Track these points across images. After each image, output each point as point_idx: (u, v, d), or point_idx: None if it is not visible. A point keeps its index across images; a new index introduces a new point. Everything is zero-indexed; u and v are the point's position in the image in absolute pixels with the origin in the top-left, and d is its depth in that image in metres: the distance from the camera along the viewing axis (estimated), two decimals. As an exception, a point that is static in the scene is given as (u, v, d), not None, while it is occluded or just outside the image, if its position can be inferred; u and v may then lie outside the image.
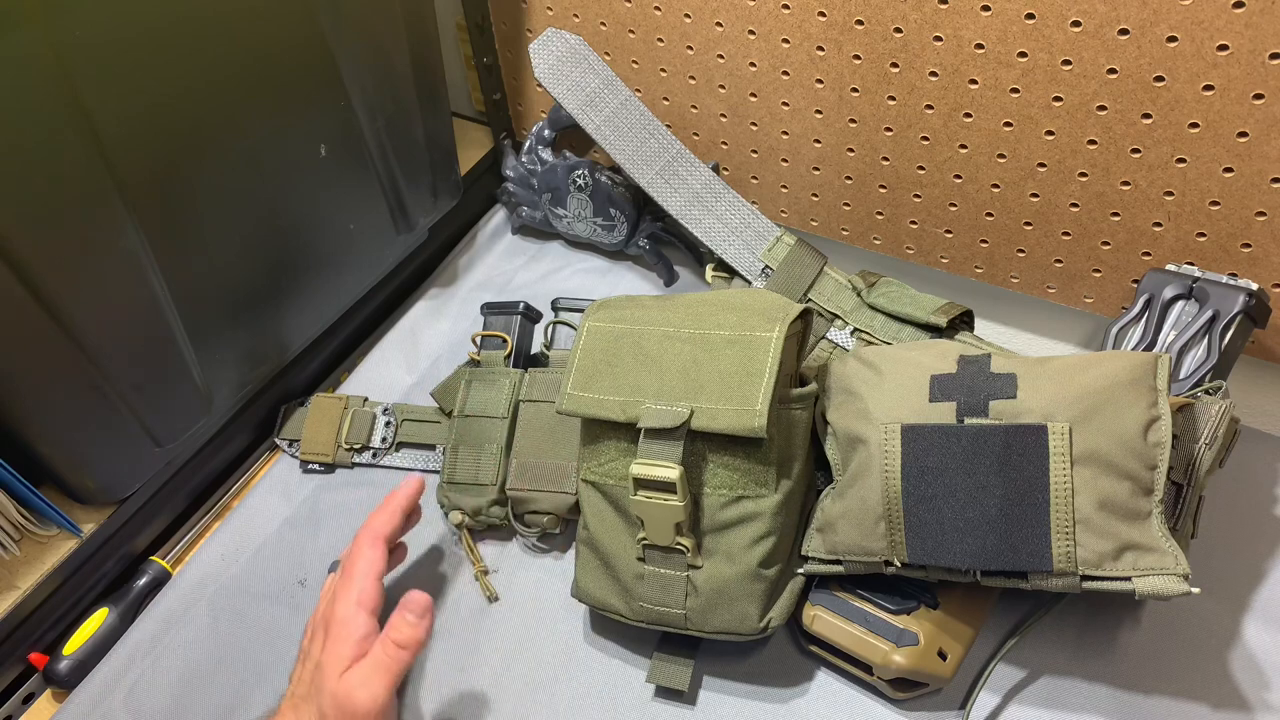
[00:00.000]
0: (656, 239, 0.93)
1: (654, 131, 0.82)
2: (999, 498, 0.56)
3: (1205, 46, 0.62)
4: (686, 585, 0.62)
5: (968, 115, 0.73)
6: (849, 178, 0.84)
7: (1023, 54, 0.68)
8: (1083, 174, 0.72)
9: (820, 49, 0.77)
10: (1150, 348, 0.72)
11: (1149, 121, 0.67)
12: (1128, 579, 0.55)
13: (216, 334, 0.74)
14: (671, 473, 0.59)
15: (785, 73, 0.80)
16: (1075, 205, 0.75)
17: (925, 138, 0.77)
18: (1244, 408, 0.77)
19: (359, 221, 0.83)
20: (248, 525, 0.78)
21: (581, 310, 0.81)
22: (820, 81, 0.79)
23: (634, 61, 0.89)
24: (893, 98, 0.76)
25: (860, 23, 0.73)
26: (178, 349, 0.71)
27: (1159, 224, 0.72)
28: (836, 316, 0.76)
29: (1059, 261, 0.79)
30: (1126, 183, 0.71)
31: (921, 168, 0.79)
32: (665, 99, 0.90)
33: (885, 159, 0.80)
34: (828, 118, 0.81)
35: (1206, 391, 0.65)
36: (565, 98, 0.82)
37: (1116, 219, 0.74)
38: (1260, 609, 0.66)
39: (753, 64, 0.81)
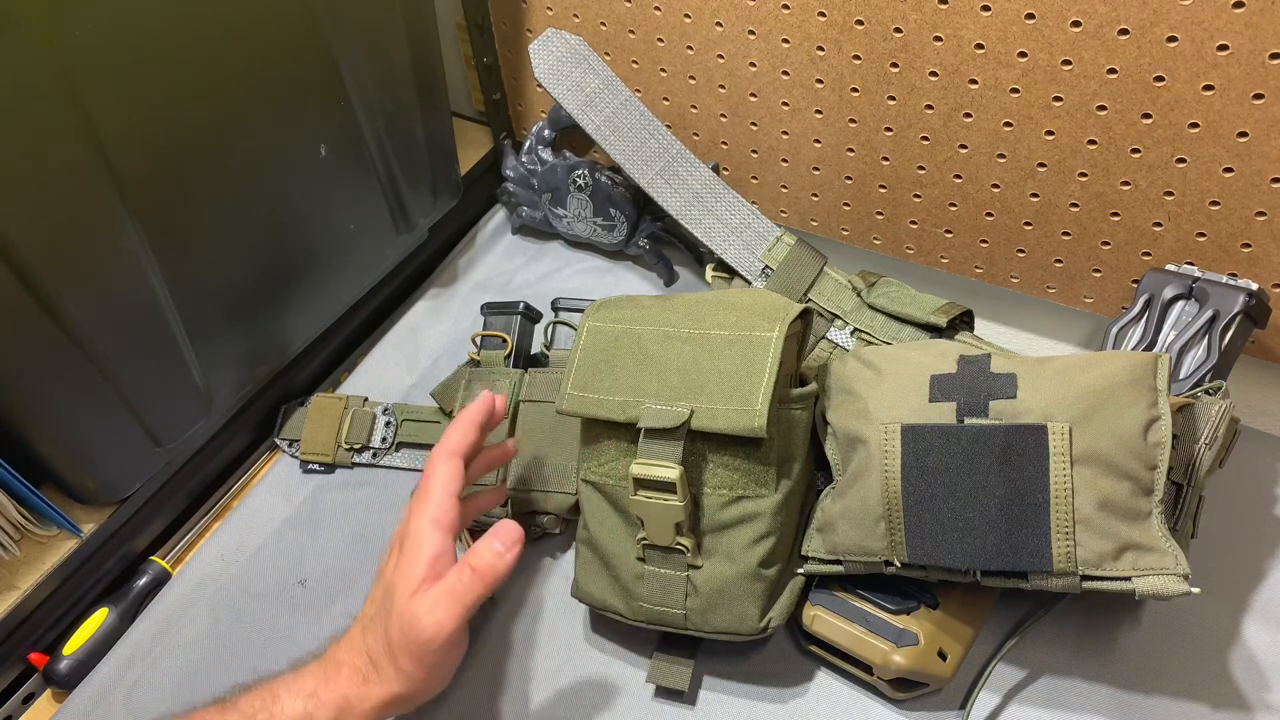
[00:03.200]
0: (656, 239, 0.93)
1: (654, 131, 0.82)
2: (999, 498, 0.56)
3: (1205, 46, 0.62)
4: (686, 585, 0.62)
5: (968, 115, 0.73)
6: (849, 178, 0.84)
7: (1023, 54, 0.68)
8: (1083, 174, 0.72)
9: (820, 49, 0.76)
10: (1150, 348, 0.72)
11: (1149, 121, 0.67)
12: (1128, 579, 0.55)
13: (216, 334, 0.74)
14: (671, 473, 0.59)
15: (785, 73, 0.80)
16: (1075, 205, 0.74)
17: (925, 138, 0.77)
18: (1244, 408, 0.77)
19: (359, 221, 0.83)
20: (248, 525, 0.78)
21: (581, 310, 0.81)
22: (820, 81, 0.79)
23: (634, 61, 0.89)
24: (893, 98, 0.76)
25: (860, 23, 0.73)
26: (178, 349, 0.71)
27: (1159, 224, 0.72)
28: (836, 316, 0.76)
29: (1059, 261, 0.79)
30: (1126, 183, 0.71)
31: (921, 168, 0.79)
32: (665, 99, 0.90)
33: (885, 159, 0.80)
34: (828, 118, 0.81)
35: (1206, 391, 0.65)
36: (565, 98, 0.82)
37: (1116, 219, 0.74)
38: (1260, 609, 0.66)
39: (753, 64, 0.81)
